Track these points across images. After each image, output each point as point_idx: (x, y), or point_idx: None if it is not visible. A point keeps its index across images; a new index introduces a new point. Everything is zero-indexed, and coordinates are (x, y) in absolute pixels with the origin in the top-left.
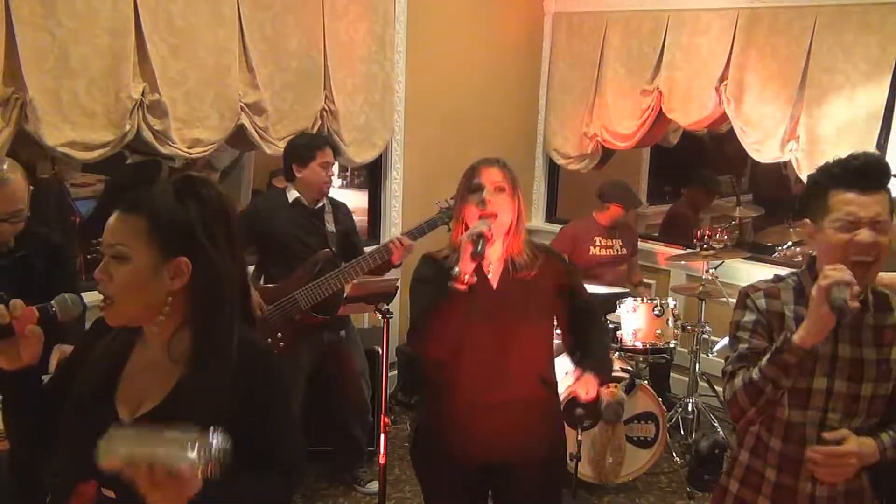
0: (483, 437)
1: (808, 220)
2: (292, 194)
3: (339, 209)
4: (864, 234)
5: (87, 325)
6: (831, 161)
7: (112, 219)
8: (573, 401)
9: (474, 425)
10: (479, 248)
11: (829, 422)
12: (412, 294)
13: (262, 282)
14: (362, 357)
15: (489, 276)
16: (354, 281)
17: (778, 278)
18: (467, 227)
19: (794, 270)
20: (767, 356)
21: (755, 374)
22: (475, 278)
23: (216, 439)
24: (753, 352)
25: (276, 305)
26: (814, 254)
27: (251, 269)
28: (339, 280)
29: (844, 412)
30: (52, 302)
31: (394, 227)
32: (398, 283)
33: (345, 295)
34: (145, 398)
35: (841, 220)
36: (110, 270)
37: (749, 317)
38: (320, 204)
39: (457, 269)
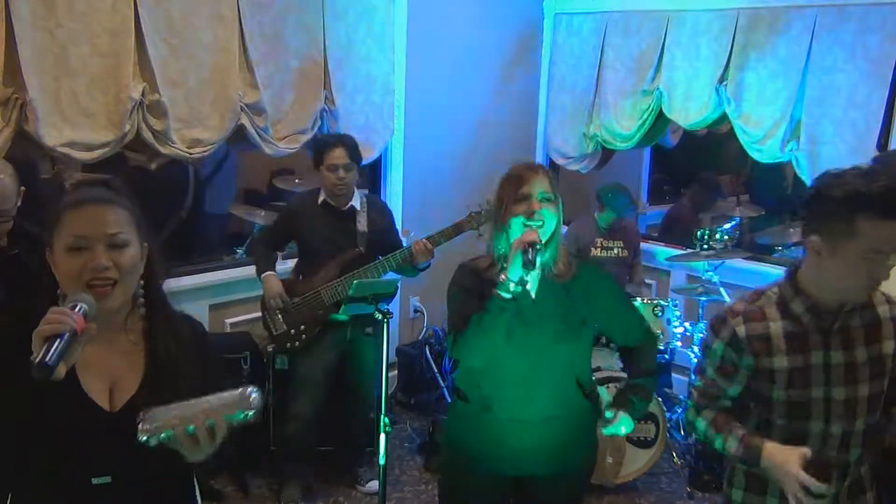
0: (516, 451)
1: (816, 238)
2: (321, 196)
3: (375, 208)
4: (894, 259)
5: None
6: (852, 179)
7: (100, 210)
8: None
9: (508, 439)
10: (532, 256)
11: (831, 430)
12: (451, 303)
13: (299, 277)
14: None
15: (528, 286)
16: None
17: (757, 295)
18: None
19: (774, 282)
20: (743, 446)
21: (731, 445)
22: (521, 287)
23: (255, 392)
24: (714, 393)
25: (301, 298)
26: (799, 265)
27: (291, 264)
28: (364, 278)
29: (845, 416)
30: (82, 303)
31: None
32: (398, 284)
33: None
34: (118, 381)
35: (874, 248)
36: (112, 256)
37: (718, 349)
38: (349, 205)
39: (503, 277)
